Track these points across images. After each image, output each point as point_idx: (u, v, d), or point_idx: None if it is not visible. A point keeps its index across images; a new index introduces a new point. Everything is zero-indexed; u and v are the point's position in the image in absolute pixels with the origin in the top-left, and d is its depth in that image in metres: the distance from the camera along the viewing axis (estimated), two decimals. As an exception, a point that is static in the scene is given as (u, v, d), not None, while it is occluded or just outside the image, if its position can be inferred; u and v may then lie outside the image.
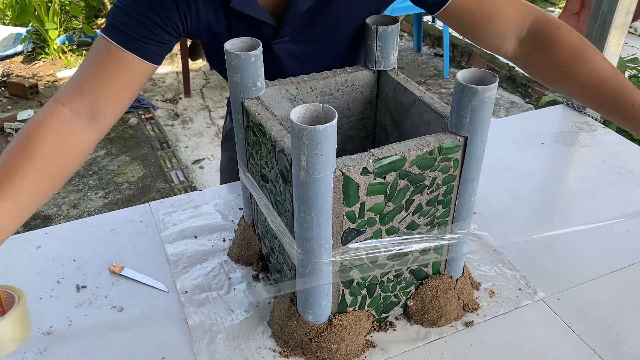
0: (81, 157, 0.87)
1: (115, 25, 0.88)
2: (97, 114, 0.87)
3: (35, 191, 0.80)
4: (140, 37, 0.88)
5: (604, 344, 0.93)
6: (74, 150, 0.86)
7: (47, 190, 0.82)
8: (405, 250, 0.88)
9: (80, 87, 0.87)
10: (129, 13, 0.89)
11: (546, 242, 1.15)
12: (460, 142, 0.82)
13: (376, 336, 0.94)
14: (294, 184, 0.75)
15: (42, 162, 0.80)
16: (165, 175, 3.16)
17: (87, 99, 0.86)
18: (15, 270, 1.09)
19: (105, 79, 0.87)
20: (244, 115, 0.93)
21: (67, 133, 0.84)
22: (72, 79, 0.89)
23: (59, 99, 0.86)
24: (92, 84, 0.87)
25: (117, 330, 0.97)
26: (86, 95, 0.86)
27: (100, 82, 0.87)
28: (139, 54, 0.89)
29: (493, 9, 0.92)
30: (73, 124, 0.85)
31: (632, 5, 1.46)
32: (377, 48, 1.00)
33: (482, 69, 0.80)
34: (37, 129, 0.82)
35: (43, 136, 0.81)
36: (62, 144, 0.83)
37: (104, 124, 0.89)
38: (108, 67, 0.87)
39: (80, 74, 0.88)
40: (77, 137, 0.86)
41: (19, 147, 0.80)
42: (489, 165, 1.03)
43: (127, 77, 0.89)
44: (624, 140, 1.50)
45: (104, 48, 0.88)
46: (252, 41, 0.89)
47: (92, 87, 0.87)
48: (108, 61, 0.87)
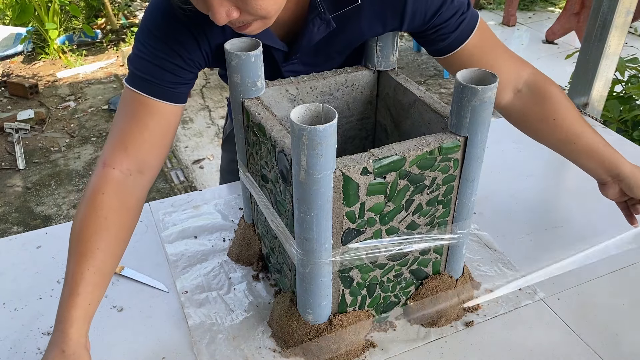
0: (140, 210, 0.92)
1: (141, 76, 0.88)
2: (146, 168, 0.91)
3: (115, 257, 0.86)
4: (169, 83, 0.89)
5: (604, 344, 0.93)
6: (135, 207, 0.91)
7: (122, 251, 0.89)
8: (405, 250, 0.88)
9: (123, 145, 0.88)
10: (152, 62, 0.88)
11: (546, 242, 1.15)
12: (460, 142, 0.82)
13: (376, 336, 0.94)
14: (294, 184, 0.75)
15: (115, 230, 0.86)
16: (165, 175, 3.16)
17: (134, 157, 0.89)
18: (15, 270, 1.09)
19: (145, 132, 0.89)
20: (244, 115, 0.93)
21: (126, 195, 0.89)
22: (113, 136, 0.90)
23: (106, 162, 0.88)
24: (134, 140, 0.89)
25: (117, 330, 0.97)
26: (132, 154, 0.89)
27: (142, 137, 0.89)
28: (170, 100, 0.90)
29: (495, 62, 0.99)
30: (127, 183, 0.89)
31: (632, 5, 1.46)
32: (377, 48, 1.00)
33: (482, 69, 0.80)
34: (99, 198, 0.86)
35: (108, 205, 0.86)
36: (124, 206, 0.88)
37: (153, 174, 0.93)
38: (145, 120, 0.89)
39: (119, 130, 0.89)
40: (134, 195, 0.90)
41: (90, 219, 0.84)
42: (489, 165, 1.02)
43: (164, 124, 0.91)
44: (624, 140, 1.50)
45: (135, 101, 0.89)
46: (252, 41, 0.89)
47: (134, 144, 0.89)
48: (143, 114, 0.89)
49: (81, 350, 0.78)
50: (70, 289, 0.80)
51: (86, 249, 0.82)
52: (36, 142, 3.49)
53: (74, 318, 0.79)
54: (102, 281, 0.83)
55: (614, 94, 2.11)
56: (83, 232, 0.84)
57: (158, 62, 0.88)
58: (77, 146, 3.45)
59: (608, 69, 1.56)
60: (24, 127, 3.57)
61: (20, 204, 2.94)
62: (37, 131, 3.60)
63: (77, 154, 3.37)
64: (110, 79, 4.31)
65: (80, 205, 0.87)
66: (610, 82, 1.60)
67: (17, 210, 2.90)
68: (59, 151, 3.40)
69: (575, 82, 1.64)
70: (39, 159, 3.32)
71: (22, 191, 3.05)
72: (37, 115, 3.69)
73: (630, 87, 2.11)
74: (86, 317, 0.80)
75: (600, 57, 1.53)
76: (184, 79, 0.91)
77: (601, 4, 1.48)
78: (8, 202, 2.96)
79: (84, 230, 0.84)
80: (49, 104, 3.93)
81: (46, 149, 3.43)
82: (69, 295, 0.80)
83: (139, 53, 0.89)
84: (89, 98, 4.02)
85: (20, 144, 3.42)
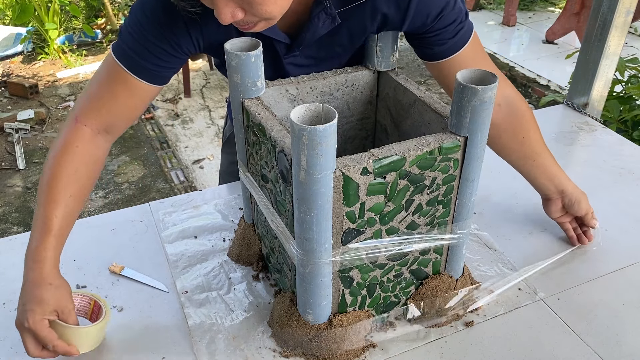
0: (103, 163, 1.00)
1: (126, 50, 0.92)
2: (113, 129, 0.99)
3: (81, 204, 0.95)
4: (151, 64, 0.93)
5: (604, 344, 0.93)
6: (101, 161, 0.99)
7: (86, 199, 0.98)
8: (405, 250, 0.88)
9: (96, 106, 0.95)
10: (139, 42, 0.91)
11: (546, 242, 1.15)
12: (460, 142, 0.82)
13: (376, 336, 0.94)
14: (294, 184, 0.75)
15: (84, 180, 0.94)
16: (165, 175, 3.16)
17: (104, 118, 0.96)
18: (15, 270, 1.09)
19: (118, 100, 0.95)
20: (244, 115, 0.93)
21: (94, 150, 0.96)
22: (87, 95, 0.96)
23: (79, 119, 0.95)
24: (107, 104, 0.95)
25: (117, 330, 0.96)
26: (103, 117, 0.96)
27: (114, 105, 0.96)
28: (148, 80, 0.94)
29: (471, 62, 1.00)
30: (96, 140, 0.97)
31: (632, 5, 1.46)
32: (377, 48, 1.00)
33: (482, 69, 0.80)
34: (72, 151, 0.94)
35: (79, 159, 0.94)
36: (92, 160, 0.96)
37: (118, 133, 1.01)
38: (120, 91, 0.94)
39: (95, 92, 0.96)
40: (100, 151, 0.98)
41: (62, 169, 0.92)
42: (489, 165, 1.02)
43: (137, 99, 0.96)
44: (624, 140, 1.50)
45: (115, 71, 0.93)
46: (252, 41, 0.89)
47: (106, 109, 0.95)
48: (120, 85, 0.94)
49: (64, 281, 0.88)
50: (44, 231, 0.88)
51: (58, 196, 0.90)
52: (36, 142, 3.49)
53: (50, 257, 0.87)
54: (70, 224, 0.92)
55: (614, 94, 2.11)
56: (55, 180, 0.91)
57: (145, 43, 0.91)
58: (77, 146, 3.45)
59: (608, 69, 1.56)
60: (24, 127, 3.57)
61: (20, 204, 2.94)
62: (37, 131, 3.60)
63: (77, 154, 3.37)
64: (110, 79, 4.31)
65: (52, 156, 0.93)
66: (610, 82, 1.60)
67: (17, 210, 2.90)
68: (59, 151, 3.40)
69: (575, 82, 1.64)
70: (39, 159, 3.32)
71: (22, 191, 3.05)
72: (37, 115, 3.69)
73: (630, 87, 2.11)
74: (58, 256, 0.89)
75: (600, 57, 1.53)
76: (169, 63, 0.94)
77: (601, 4, 1.48)
78: (8, 202, 2.96)
79: (57, 179, 0.91)
80: (49, 104, 3.93)
81: (46, 149, 3.43)
82: (43, 237, 0.88)
83: (130, 29, 0.92)
84: (89, 98, 4.02)
85: (20, 144, 3.42)
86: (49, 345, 0.84)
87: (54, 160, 0.93)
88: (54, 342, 0.84)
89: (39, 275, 0.86)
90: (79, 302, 0.92)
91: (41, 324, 0.83)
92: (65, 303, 0.86)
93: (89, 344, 0.89)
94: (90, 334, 0.88)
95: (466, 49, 0.98)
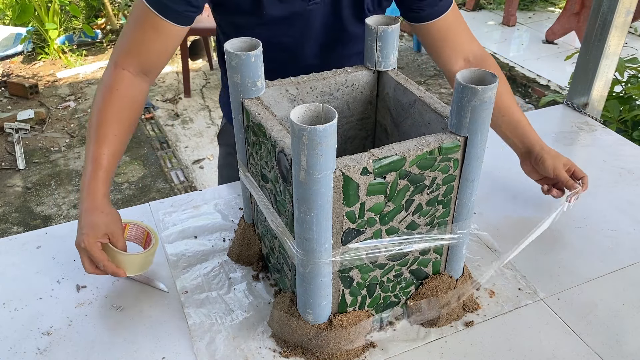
0: (144, 103, 1.09)
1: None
2: (149, 70, 1.07)
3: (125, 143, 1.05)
4: (180, 6, 1.01)
5: (604, 344, 0.93)
6: (141, 102, 1.08)
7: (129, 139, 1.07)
8: (405, 250, 0.88)
9: (133, 51, 1.04)
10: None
11: (546, 242, 1.15)
12: (460, 142, 0.82)
13: (376, 336, 0.94)
14: (294, 184, 0.75)
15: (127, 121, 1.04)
16: (165, 175, 3.16)
17: (142, 62, 1.05)
18: (15, 270, 1.09)
19: (152, 44, 1.04)
20: (244, 115, 0.93)
21: (135, 92, 1.06)
22: (124, 42, 1.06)
23: (118, 64, 1.04)
24: (143, 48, 1.04)
25: (117, 330, 0.97)
26: (140, 59, 1.05)
27: (149, 47, 1.04)
28: (177, 22, 1.02)
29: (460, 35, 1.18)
30: (135, 82, 1.06)
31: (632, 5, 1.46)
32: (377, 48, 1.00)
33: (482, 69, 0.80)
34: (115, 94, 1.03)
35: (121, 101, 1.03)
36: (133, 101, 1.05)
37: (155, 75, 1.10)
38: (152, 34, 1.03)
39: (131, 38, 1.05)
40: (139, 93, 1.07)
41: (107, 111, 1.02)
42: (489, 165, 1.03)
43: (167, 41, 1.05)
44: (624, 140, 1.50)
45: (145, 14, 1.01)
46: (252, 41, 0.90)
47: (142, 52, 1.04)
48: (152, 29, 1.02)
49: (114, 210, 1.00)
50: (95, 167, 0.99)
51: (105, 136, 1.00)
52: (36, 142, 3.49)
53: (101, 189, 0.98)
54: (117, 159, 1.03)
55: (614, 94, 2.11)
56: (101, 122, 1.01)
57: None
58: (77, 146, 3.45)
59: (608, 69, 1.56)
60: (24, 127, 3.57)
61: (20, 204, 2.94)
62: (37, 131, 3.60)
63: (77, 154, 3.37)
64: (110, 79, 4.31)
65: (97, 100, 1.04)
66: (610, 82, 1.60)
67: (17, 210, 2.90)
68: (59, 151, 3.40)
69: (575, 82, 1.64)
70: (39, 159, 3.32)
71: (22, 191, 3.05)
72: (37, 115, 3.69)
73: (630, 88, 2.11)
74: (107, 188, 1.01)
75: (600, 57, 1.53)
76: (194, 4, 1.02)
77: (601, 4, 1.48)
78: (8, 202, 2.96)
79: (102, 120, 1.01)
80: (49, 104, 3.93)
81: (46, 149, 3.43)
82: (94, 172, 0.99)
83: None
84: (89, 98, 4.01)
85: (20, 144, 3.42)
86: (100, 265, 0.95)
87: (98, 104, 1.03)
88: (104, 262, 0.94)
89: (92, 205, 0.97)
90: (135, 232, 1.06)
91: (94, 246, 0.94)
92: (114, 228, 0.97)
93: (134, 269, 1.00)
94: (135, 260, 0.99)
95: (450, 12, 1.13)
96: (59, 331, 0.96)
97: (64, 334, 0.96)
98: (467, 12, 5.32)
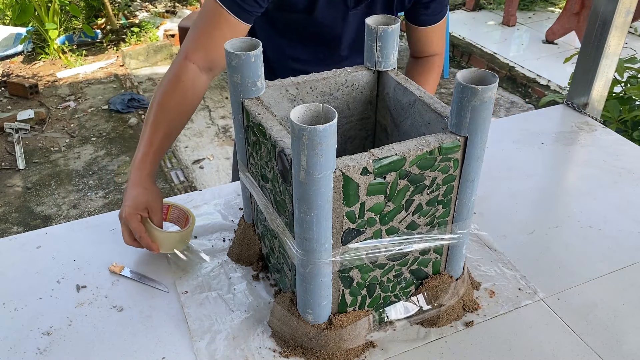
0: (201, 99, 1.17)
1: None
2: (214, 66, 1.15)
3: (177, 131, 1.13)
4: (247, 3, 1.11)
5: (604, 344, 0.93)
6: (200, 96, 1.15)
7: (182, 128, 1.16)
8: (405, 250, 0.88)
9: (203, 46, 1.12)
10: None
11: (546, 242, 1.15)
12: (460, 142, 0.82)
13: (376, 336, 0.94)
14: (294, 184, 0.75)
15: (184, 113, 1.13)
16: (165, 175, 3.16)
17: (208, 57, 1.13)
18: (15, 270, 1.09)
19: (220, 39, 1.10)
20: (244, 115, 0.93)
21: (197, 86, 1.13)
22: (195, 36, 1.13)
23: (188, 56, 1.12)
24: (212, 44, 1.12)
25: (117, 330, 0.97)
26: (208, 55, 1.13)
27: (216, 42, 1.11)
28: (243, 19, 1.12)
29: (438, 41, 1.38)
30: (200, 77, 1.13)
31: (632, 5, 1.46)
32: (377, 48, 1.00)
33: (482, 69, 0.80)
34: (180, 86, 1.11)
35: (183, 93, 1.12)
36: (194, 94, 1.13)
37: (218, 71, 1.17)
38: (222, 29, 1.12)
39: (202, 33, 1.13)
40: (201, 87, 1.15)
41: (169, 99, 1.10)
42: (489, 165, 1.03)
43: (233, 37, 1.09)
44: (624, 140, 1.50)
45: (217, 11, 1.11)
46: (252, 41, 0.90)
47: (211, 47, 1.12)
48: (221, 24, 1.11)
49: (156, 187, 1.07)
50: (147, 147, 1.07)
51: (162, 120, 1.09)
52: (36, 142, 3.49)
53: (148, 167, 1.06)
54: (169, 144, 1.10)
55: (613, 94, 2.11)
56: (161, 108, 1.09)
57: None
58: (77, 146, 3.45)
59: (608, 69, 1.56)
60: (24, 127, 3.57)
61: (20, 204, 2.94)
62: (37, 131, 3.60)
63: (77, 154, 3.37)
64: (110, 79, 4.31)
65: (162, 85, 1.12)
66: (610, 82, 1.60)
67: (17, 210, 2.90)
68: (59, 151, 3.40)
69: (575, 82, 1.64)
70: (39, 159, 3.33)
71: (22, 191, 3.05)
72: (37, 115, 3.70)
73: (630, 88, 2.11)
74: (154, 168, 1.08)
75: (600, 57, 1.53)
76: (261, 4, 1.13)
77: (601, 4, 1.48)
78: (8, 202, 2.96)
79: (163, 106, 1.09)
80: (49, 104, 3.93)
81: (46, 149, 3.43)
82: (145, 151, 1.06)
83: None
84: (89, 98, 4.02)
85: (20, 144, 3.43)
86: (136, 236, 1.01)
87: (163, 90, 1.11)
88: (141, 234, 1.01)
89: (137, 180, 1.04)
90: (177, 214, 1.13)
91: (133, 217, 1.01)
92: (153, 203, 1.04)
93: (168, 246, 1.06)
94: (169, 238, 1.06)
95: (441, 22, 1.32)
96: (59, 331, 0.96)
97: (64, 334, 0.96)
98: (467, 12, 5.32)
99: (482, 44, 4.54)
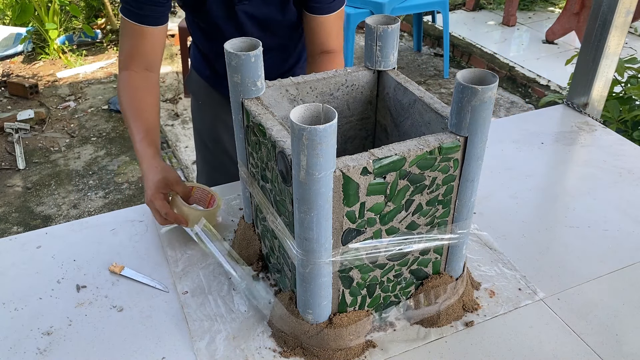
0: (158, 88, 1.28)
1: (125, 6, 1.18)
2: (150, 66, 1.25)
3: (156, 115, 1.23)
4: (147, 10, 1.17)
5: (604, 344, 0.93)
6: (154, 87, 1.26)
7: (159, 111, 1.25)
8: (405, 250, 0.88)
9: (131, 56, 1.23)
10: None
11: (546, 242, 1.15)
12: (460, 142, 0.82)
13: (376, 336, 0.94)
14: (294, 184, 0.75)
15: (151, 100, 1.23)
16: (165, 175, 3.15)
17: (141, 61, 1.23)
18: (15, 270, 1.09)
19: (140, 47, 1.22)
20: (244, 115, 0.93)
21: (146, 81, 1.24)
22: (122, 52, 1.25)
23: (123, 68, 1.24)
24: (134, 52, 1.23)
25: (117, 330, 0.97)
26: (139, 60, 1.23)
27: (139, 50, 1.22)
28: (150, 24, 1.19)
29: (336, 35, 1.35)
30: (145, 76, 1.24)
31: (632, 5, 1.46)
32: (377, 48, 1.00)
33: (482, 69, 0.80)
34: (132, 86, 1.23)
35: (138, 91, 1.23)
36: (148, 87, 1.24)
37: (156, 68, 1.27)
38: (136, 38, 1.21)
39: (123, 47, 1.24)
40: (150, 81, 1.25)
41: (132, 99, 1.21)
42: (489, 165, 1.03)
43: (153, 41, 1.23)
44: (624, 140, 1.50)
45: (126, 24, 1.20)
46: (252, 41, 0.90)
47: (138, 54, 1.23)
48: (135, 35, 1.21)
49: (165, 164, 1.14)
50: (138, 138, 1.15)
51: (138, 118, 1.18)
52: (36, 142, 3.49)
53: (149, 151, 1.14)
54: (155, 128, 1.20)
55: (613, 94, 2.11)
56: (130, 106, 1.20)
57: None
58: (77, 146, 3.45)
59: (608, 69, 1.56)
60: (24, 127, 3.57)
61: (20, 204, 2.94)
62: (37, 131, 3.60)
63: (77, 154, 3.37)
64: (110, 79, 4.31)
65: (121, 95, 1.23)
66: (610, 82, 1.60)
67: (17, 210, 2.90)
68: (59, 151, 3.40)
69: (575, 82, 1.64)
70: (39, 159, 3.32)
71: (22, 191, 3.05)
72: (37, 115, 3.69)
73: (630, 88, 2.11)
74: (155, 149, 1.16)
75: (600, 57, 1.53)
76: (158, 3, 1.17)
77: (601, 4, 1.48)
78: (8, 202, 2.96)
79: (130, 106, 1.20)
80: (49, 104, 3.92)
81: (46, 149, 3.43)
82: (140, 141, 1.15)
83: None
84: (89, 98, 4.02)
85: (20, 144, 3.42)
86: (163, 213, 1.06)
87: (122, 98, 1.22)
88: (166, 210, 1.07)
89: (148, 165, 1.12)
90: (200, 194, 1.18)
91: (157, 198, 1.07)
92: (169, 176, 1.10)
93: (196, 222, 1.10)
94: (197, 215, 1.10)
95: (337, 13, 1.32)
96: (59, 331, 0.96)
97: (64, 334, 0.96)
98: (467, 12, 5.32)
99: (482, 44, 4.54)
